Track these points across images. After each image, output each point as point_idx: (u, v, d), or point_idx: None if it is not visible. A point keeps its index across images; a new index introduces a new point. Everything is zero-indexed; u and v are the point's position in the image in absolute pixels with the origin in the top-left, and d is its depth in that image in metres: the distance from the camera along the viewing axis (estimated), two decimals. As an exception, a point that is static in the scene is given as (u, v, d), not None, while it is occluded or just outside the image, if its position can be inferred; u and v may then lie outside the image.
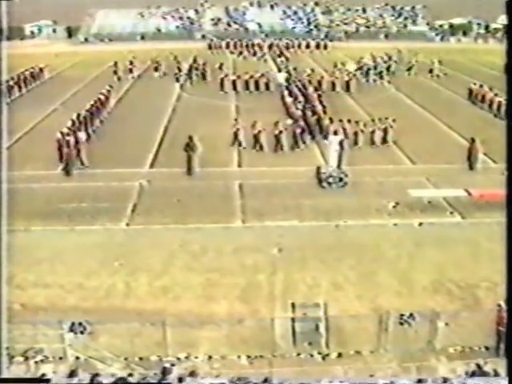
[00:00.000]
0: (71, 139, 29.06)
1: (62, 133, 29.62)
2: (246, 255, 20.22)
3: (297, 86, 44.34)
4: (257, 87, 48.11)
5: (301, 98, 39.20)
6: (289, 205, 24.35)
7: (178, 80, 52.62)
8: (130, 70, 56.81)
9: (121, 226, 23.03)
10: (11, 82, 47.63)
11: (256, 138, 31.43)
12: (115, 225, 23.01)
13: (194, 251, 20.69)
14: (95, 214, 23.65)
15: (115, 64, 56.57)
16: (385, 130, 32.37)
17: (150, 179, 27.42)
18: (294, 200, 24.79)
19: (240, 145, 31.87)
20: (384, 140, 32.06)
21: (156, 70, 57.60)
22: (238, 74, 51.09)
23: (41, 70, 56.15)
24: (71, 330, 15.50)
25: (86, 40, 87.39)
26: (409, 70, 56.72)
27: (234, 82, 48.52)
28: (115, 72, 55.50)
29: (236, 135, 32.11)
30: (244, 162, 30.23)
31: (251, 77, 48.98)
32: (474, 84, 44.06)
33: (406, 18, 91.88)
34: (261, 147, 31.37)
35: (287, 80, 44.98)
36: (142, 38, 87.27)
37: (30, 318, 16.55)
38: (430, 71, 55.19)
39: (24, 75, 51.57)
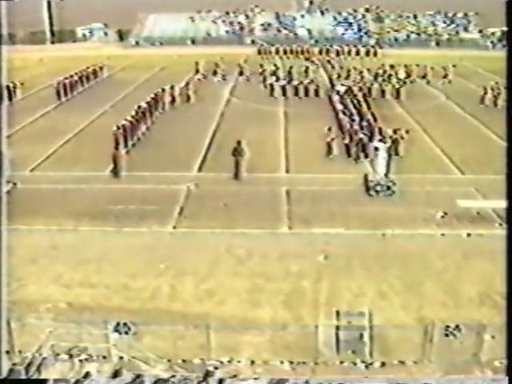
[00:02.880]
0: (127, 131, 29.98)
1: (118, 126, 31.11)
2: (291, 261, 20.26)
3: (347, 92, 44.17)
4: (306, 93, 48.09)
5: (351, 107, 38.88)
6: (336, 212, 24.32)
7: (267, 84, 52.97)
8: (215, 72, 57.99)
9: (167, 228, 23.24)
10: (73, 79, 50.21)
11: (329, 145, 31.39)
12: (162, 227, 23.24)
13: (240, 256, 20.80)
14: (142, 216, 23.92)
15: (196, 64, 59.24)
16: (394, 141, 30.83)
17: (198, 183, 27.62)
18: (340, 207, 24.75)
19: (329, 154, 31.39)
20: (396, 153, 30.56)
21: (215, 73, 58.01)
22: (288, 79, 51.06)
23: (100, 68, 58.70)
24: (116, 330, 15.71)
25: (137, 43, 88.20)
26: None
27: (283, 88, 48.59)
28: (197, 71, 57.73)
29: (330, 146, 31.49)
30: (292, 167, 30.23)
31: (301, 83, 49.05)
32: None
33: (457, 25, 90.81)
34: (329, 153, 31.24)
35: (346, 92, 44.38)
36: (193, 42, 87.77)
37: (75, 317, 16.84)
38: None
39: (86, 72, 54.75)
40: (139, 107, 36.99)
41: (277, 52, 75.84)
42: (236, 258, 20.69)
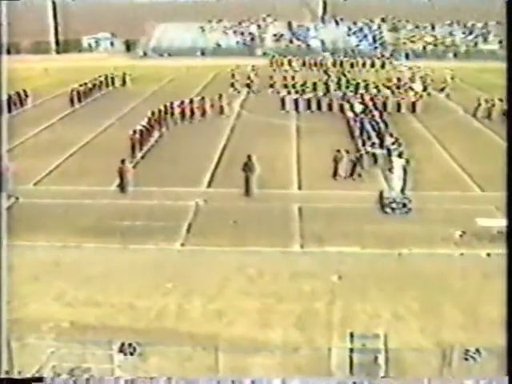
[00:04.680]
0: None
1: (134, 131, 31.81)
2: (303, 281, 20.25)
3: (364, 111, 43.93)
4: (319, 107, 48.17)
5: (368, 127, 38.63)
6: (350, 230, 24.31)
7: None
8: (248, 85, 58.30)
9: (175, 246, 23.29)
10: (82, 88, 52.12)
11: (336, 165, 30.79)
12: (169, 245, 23.28)
13: (250, 275, 20.80)
14: (149, 233, 23.98)
15: (232, 76, 59.83)
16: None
17: (207, 199, 27.68)
18: (355, 225, 24.74)
19: (335, 174, 30.74)
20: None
21: (232, 85, 58.31)
22: (301, 92, 51.14)
23: (112, 78, 60.30)
24: (121, 350, 15.67)
25: (145, 54, 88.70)
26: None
27: (295, 101, 48.71)
28: (232, 85, 57.76)
29: (336, 165, 30.78)
30: (304, 184, 30.24)
31: (314, 96, 49.18)
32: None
33: (476, 36, 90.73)
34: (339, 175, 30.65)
35: (363, 111, 43.96)
36: (202, 53, 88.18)
37: (78, 337, 16.86)
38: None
39: (99, 80, 57.22)
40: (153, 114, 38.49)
41: (289, 63, 75.98)
42: (246, 277, 20.69)
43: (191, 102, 44.56)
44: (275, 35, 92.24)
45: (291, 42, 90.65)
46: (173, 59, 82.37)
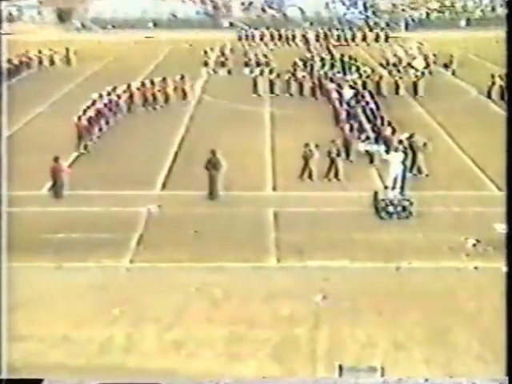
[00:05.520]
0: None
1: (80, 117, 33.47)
2: (280, 303, 20.26)
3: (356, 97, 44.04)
4: (301, 91, 48.27)
5: (360, 114, 38.73)
6: (337, 240, 24.43)
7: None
8: (222, 64, 58.74)
9: (122, 263, 23.22)
10: None
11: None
12: (115, 261, 23.21)
13: (215, 297, 20.79)
14: (90, 248, 23.85)
15: (205, 52, 60.71)
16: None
17: (161, 204, 27.70)
18: (343, 234, 24.86)
19: (310, 177, 30.74)
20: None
21: (206, 64, 58.91)
22: (276, 72, 51.22)
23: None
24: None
25: (83, 26, 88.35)
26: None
27: (270, 83, 48.80)
28: (206, 63, 58.50)
29: (306, 164, 30.80)
30: (280, 184, 30.33)
31: (291, 76, 49.33)
32: None
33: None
34: (310, 176, 30.70)
35: (355, 95, 43.81)
36: (155, 25, 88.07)
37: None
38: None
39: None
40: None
41: (262, 38, 76.17)
42: (210, 299, 20.67)
43: (152, 83, 44.60)
44: (243, 3, 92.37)
45: (263, 10, 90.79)
46: (118, 32, 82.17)
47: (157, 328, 19.17)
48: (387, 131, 33.31)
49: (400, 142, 30.24)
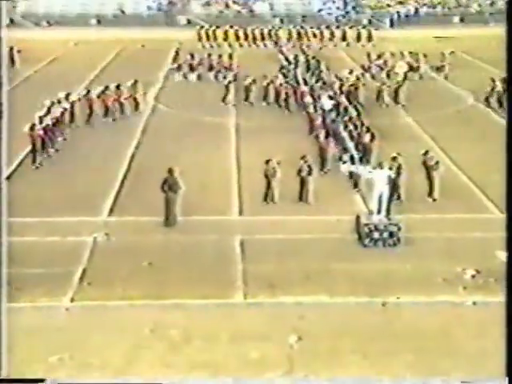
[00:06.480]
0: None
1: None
2: (249, 345, 20.25)
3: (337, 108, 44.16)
4: (265, 97, 48.46)
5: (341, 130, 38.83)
6: (313, 272, 24.45)
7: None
8: (191, 67, 59.08)
9: (62, 302, 23.04)
10: None
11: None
12: (54, 301, 23.01)
13: (173, 339, 20.74)
14: (24, 285, 23.67)
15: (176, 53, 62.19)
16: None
17: (109, 232, 27.64)
18: (321, 264, 24.90)
19: (273, 199, 30.88)
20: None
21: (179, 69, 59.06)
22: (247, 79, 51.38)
23: None
24: None
25: (12, 22, 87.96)
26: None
27: (246, 90, 49.03)
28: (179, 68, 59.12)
29: (269, 184, 30.85)
30: (248, 208, 30.41)
31: (252, 82, 49.51)
32: None
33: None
34: (272, 198, 30.84)
35: (335, 106, 43.66)
36: (99, 22, 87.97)
37: None
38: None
39: None
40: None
41: (225, 37, 76.33)
42: (167, 342, 20.62)
43: (105, 89, 44.62)
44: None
45: (227, 6, 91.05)
46: (55, 30, 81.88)
47: (103, 377, 19.07)
48: (366, 138, 33.48)
49: (394, 158, 30.22)
